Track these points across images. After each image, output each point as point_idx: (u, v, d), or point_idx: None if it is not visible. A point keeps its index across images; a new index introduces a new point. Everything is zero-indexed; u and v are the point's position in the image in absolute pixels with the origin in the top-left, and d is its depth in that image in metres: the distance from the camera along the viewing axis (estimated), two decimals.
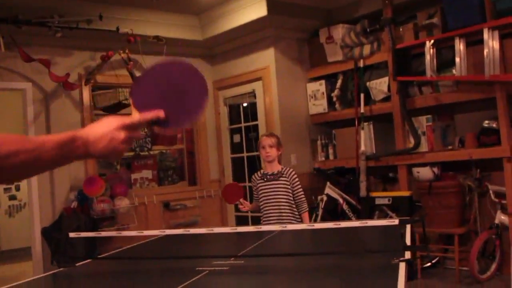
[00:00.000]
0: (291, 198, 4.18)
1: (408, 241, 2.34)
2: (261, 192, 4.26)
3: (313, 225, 2.27)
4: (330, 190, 5.96)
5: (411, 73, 5.51)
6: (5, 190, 8.69)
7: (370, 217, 5.74)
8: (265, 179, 4.25)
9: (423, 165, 5.41)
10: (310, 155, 6.52)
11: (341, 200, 5.93)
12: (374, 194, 5.76)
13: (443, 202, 5.25)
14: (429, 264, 5.45)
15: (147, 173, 6.64)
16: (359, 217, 5.82)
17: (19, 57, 5.23)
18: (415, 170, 5.47)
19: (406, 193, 5.47)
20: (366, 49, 5.89)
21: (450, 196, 5.25)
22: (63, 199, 5.78)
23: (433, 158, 5.36)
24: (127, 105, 6.01)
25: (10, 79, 5.53)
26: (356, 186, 5.84)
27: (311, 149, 6.54)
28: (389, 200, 5.54)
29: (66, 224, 5.57)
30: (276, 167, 4.24)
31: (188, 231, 2.42)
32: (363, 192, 5.75)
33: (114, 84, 6.16)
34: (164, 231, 2.52)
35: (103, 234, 2.65)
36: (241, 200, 4.30)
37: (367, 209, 5.75)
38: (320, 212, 5.86)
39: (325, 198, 5.90)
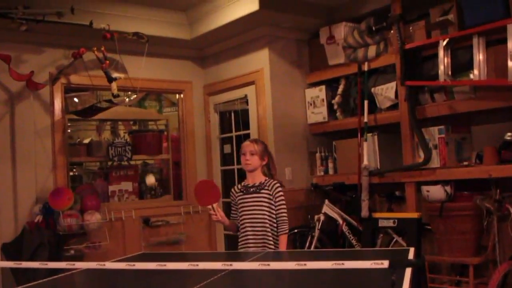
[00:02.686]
0: (273, 215, 3.67)
1: None
2: (240, 206, 3.73)
3: (269, 265, 1.61)
4: (328, 209, 5.33)
5: (422, 77, 4.87)
6: None
7: (373, 240, 5.10)
8: (244, 192, 3.73)
9: (434, 183, 4.75)
10: (308, 169, 5.85)
11: (340, 221, 5.28)
12: (377, 215, 5.09)
13: (457, 226, 4.60)
14: None
15: (127, 185, 6.00)
16: (360, 240, 5.16)
17: None
18: (424, 188, 4.82)
19: (413, 215, 4.82)
20: (372, 51, 5.23)
21: (465, 219, 4.59)
22: (27, 212, 5.16)
23: (446, 176, 4.70)
24: (102, 109, 5.37)
25: None
26: (358, 205, 5.16)
27: (309, 162, 5.87)
28: (394, 222, 4.89)
29: (27, 240, 5.00)
30: (258, 179, 3.73)
31: (104, 264, 1.75)
32: (364, 212, 5.06)
33: (89, 86, 5.52)
34: (74, 264, 1.85)
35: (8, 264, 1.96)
36: (215, 205, 3.64)
37: (370, 231, 5.09)
38: (316, 233, 5.24)
39: (322, 217, 5.28)
